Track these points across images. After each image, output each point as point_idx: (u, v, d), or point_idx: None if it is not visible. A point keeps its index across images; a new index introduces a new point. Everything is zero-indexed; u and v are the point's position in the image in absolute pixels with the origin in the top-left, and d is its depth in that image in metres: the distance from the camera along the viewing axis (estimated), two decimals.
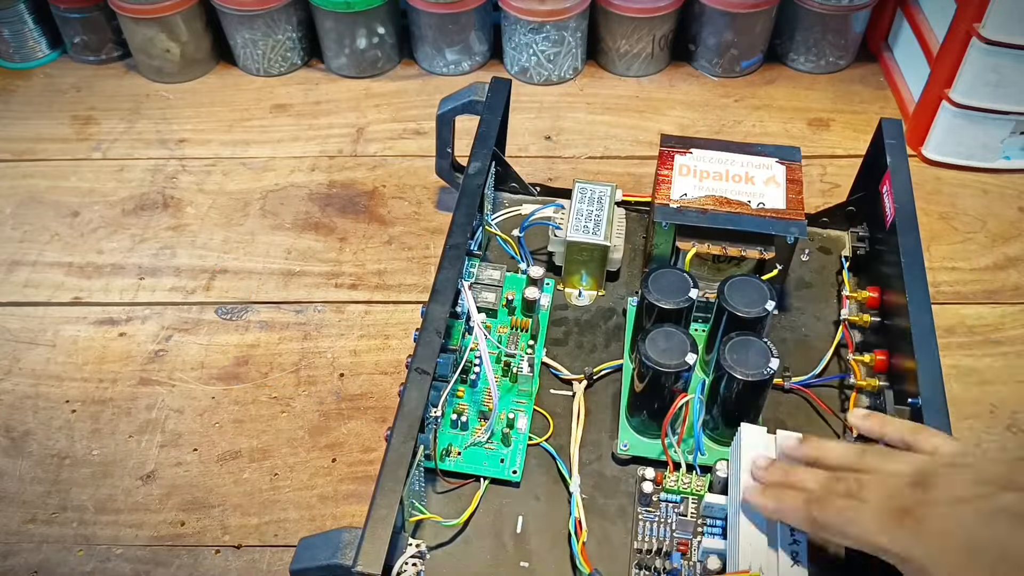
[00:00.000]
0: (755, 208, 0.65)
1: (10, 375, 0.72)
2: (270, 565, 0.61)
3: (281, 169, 0.88)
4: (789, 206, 0.66)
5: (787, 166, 0.68)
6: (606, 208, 0.69)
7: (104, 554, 0.61)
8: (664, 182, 0.67)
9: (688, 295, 0.61)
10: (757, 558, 0.51)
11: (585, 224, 0.68)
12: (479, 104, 0.75)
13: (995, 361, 0.71)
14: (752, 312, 0.60)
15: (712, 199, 0.66)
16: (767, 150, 0.70)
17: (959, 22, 0.80)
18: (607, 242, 0.67)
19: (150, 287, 0.78)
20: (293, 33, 0.97)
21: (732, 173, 0.68)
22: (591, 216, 0.68)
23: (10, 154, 0.91)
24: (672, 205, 0.65)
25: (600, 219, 0.68)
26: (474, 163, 0.68)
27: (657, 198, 0.66)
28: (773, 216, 0.65)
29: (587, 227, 0.68)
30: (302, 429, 0.68)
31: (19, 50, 1.00)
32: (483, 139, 0.71)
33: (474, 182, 0.67)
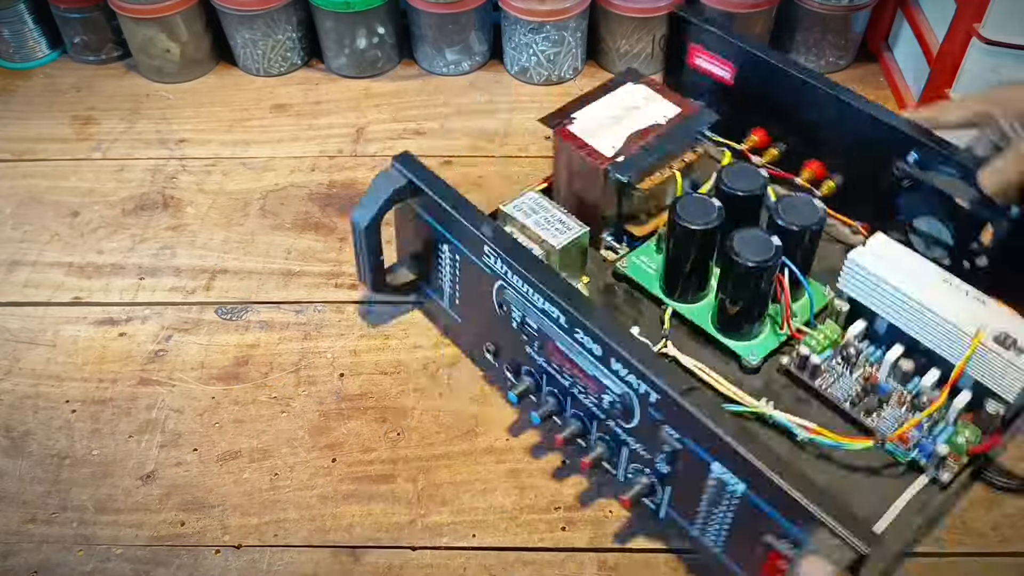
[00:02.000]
0: (665, 123, 0.70)
1: (10, 375, 0.72)
2: (270, 565, 0.61)
3: (281, 169, 0.89)
4: (681, 105, 0.71)
5: (643, 83, 0.73)
6: (549, 208, 0.68)
7: (104, 554, 0.61)
8: (589, 151, 0.67)
9: (716, 208, 0.64)
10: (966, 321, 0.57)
11: (555, 228, 0.67)
12: (405, 188, 0.65)
13: None
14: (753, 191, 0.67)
15: (634, 137, 0.68)
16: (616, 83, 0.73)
17: (959, 22, 0.80)
18: (585, 228, 0.67)
19: (150, 287, 0.78)
20: (293, 33, 0.97)
21: (619, 112, 0.71)
22: (549, 221, 0.68)
23: (10, 154, 0.91)
24: (619, 160, 0.66)
25: (558, 217, 0.68)
26: (484, 228, 0.62)
27: (600, 163, 0.66)
28: (683, 119, 0.70)
29: (559, 229, 0.67)
30: (302, 429, 0.68)
31: (19, 50, 1.00)
32: (463, 208, 0.63)
33: (507, 242, 0.62)
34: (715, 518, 0.54)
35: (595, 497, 0.64)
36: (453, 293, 0.68)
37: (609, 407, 0.58)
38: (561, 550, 0.61)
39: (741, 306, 0.64)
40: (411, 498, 0.64)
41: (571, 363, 0.59)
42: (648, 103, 0.71)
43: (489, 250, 0.60)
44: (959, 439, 0.59)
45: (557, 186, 0.71)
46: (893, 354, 0.62)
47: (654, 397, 0.54)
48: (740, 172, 0.68)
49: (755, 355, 0.65)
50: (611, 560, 0.60)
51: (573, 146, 0.67)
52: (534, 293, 0.59)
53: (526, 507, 0.63)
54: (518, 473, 0.65)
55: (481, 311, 0.65)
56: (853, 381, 0.64)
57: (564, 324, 0.57)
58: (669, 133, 0.69)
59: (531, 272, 0.58)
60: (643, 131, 0.69)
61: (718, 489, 0.53)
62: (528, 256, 0.60)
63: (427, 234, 0.67)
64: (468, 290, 0.66)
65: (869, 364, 0.64)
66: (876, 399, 0.62)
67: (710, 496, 0.53)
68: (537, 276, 0.58)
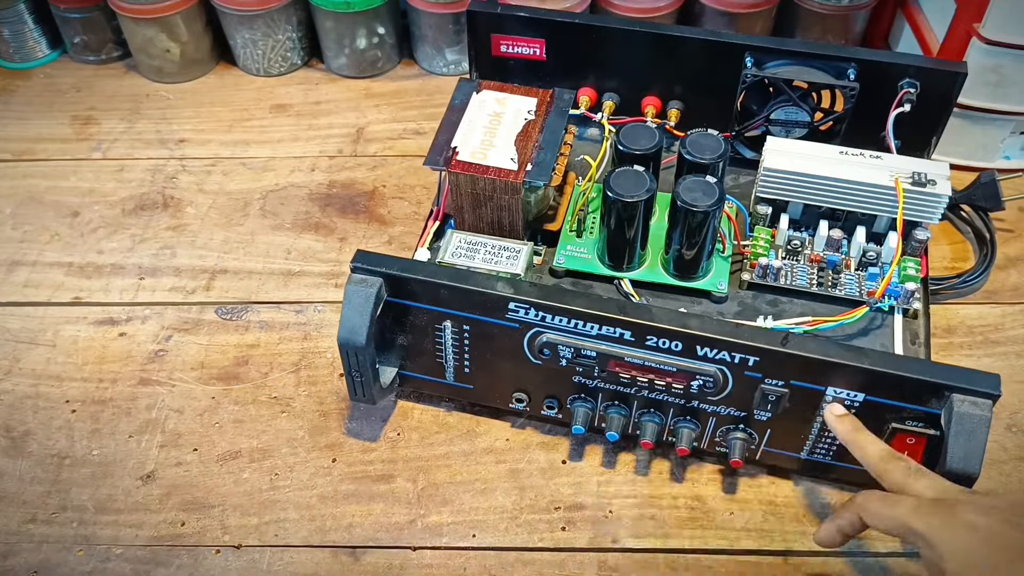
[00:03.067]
0: (536, 116, 0.71)
1: (10, 375, 0.72)
2: (270, 565, 0.61)
3: (281, 169, 0.89)
4: (532, 94, 0.72)
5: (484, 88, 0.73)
6: (481, 240, 0.68)
7: (104, 554, 0.61)
8: (496, 172, 0.67)
9: (648, 187, 0.65)
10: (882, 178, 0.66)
11: (505, 256, 0.67)
12: (382, 288, 0.60)
13: (995, 361, 0.71)
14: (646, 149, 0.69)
15: (520, 141, 0.69)
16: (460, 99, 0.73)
17: (959, 22, 0.80)
18: (528, 243, 0.68)
19: (150, 287, 0.78)
20: (293, 33, 0.97)
21: (487, 123, 0.70)
22: (494, 252, 0.67)
23: (10, 154, 0.91)
24: (529, 169, 0.67)
25: (497, 245, 0.67)
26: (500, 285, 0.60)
27: (513, 179, 0.66)
28: (549, 106, 0.71)
29: (509, 256, 0.67)
30: (302, 429, 0.68)
31: (19, 50, 1.00)
32: (461, 278, 0.60)
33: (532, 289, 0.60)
34: (827, 435, 0.60)
35: (593, 495, 0.64)
36: (460, 366, 0.65)
37: (699, 390, 0.59)
38: (561, 550, 0.61)
39: (697, 249, 0.66)
40: (411, 498, 0.64)
41: (643, 370, 0.59)
42: (504, 105, 0.72)
43: (516, 305, 0.59)
44: (910, 271, 0.67)
45: (459, 217, 0.69)
46: (823, 230, 0.69)
47: (752, 361, 0.57)
48: (634, 132, 0.70)
49: (722, 284, 0.68)
50: (611, 560, 0.61)
51: (476, 174, 0.66)
52: (586, 324, 0.58)
53: (526, 507, 0.63)
54: (518, 473, 0.65)
55: (504, 368, 0.63)
56: (807, 266, 0.69)
57: (630, 338, 0.58)
58: (547, 124, 0.70)
59: (575, 305, 0.58)
60: (523, 132, 0.69)
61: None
62: (560, 292, 0.59)
63: (414, 319, 0.62)
64: (485, 354, 0.63)
65: (806, 248, 0.70)
66: (830, 273, 0.69)
67: (821, 422, 0.59)
68: (583, 306, 0.58)
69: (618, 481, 0.64)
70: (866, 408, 0.57)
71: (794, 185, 0.68)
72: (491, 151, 0.68)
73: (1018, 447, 0.66)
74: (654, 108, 0.79)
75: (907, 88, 0.71)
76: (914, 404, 0.55)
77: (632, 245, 0.67)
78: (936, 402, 0.54)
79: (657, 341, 0.57)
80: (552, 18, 0.77)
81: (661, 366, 0.58)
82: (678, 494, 0.64)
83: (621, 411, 0.63)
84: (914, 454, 0.56)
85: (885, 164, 0.67)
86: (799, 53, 0.73)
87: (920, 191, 0.65)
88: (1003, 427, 0.67)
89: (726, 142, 0.68)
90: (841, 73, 0.72)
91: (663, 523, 0.62)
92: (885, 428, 0.57)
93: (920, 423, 0.56)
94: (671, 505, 0.63)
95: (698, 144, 0.68)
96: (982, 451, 0.53)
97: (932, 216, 0.67)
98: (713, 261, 0.69)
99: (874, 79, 0.72)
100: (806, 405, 0.58)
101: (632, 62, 0.77)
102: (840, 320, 0.64)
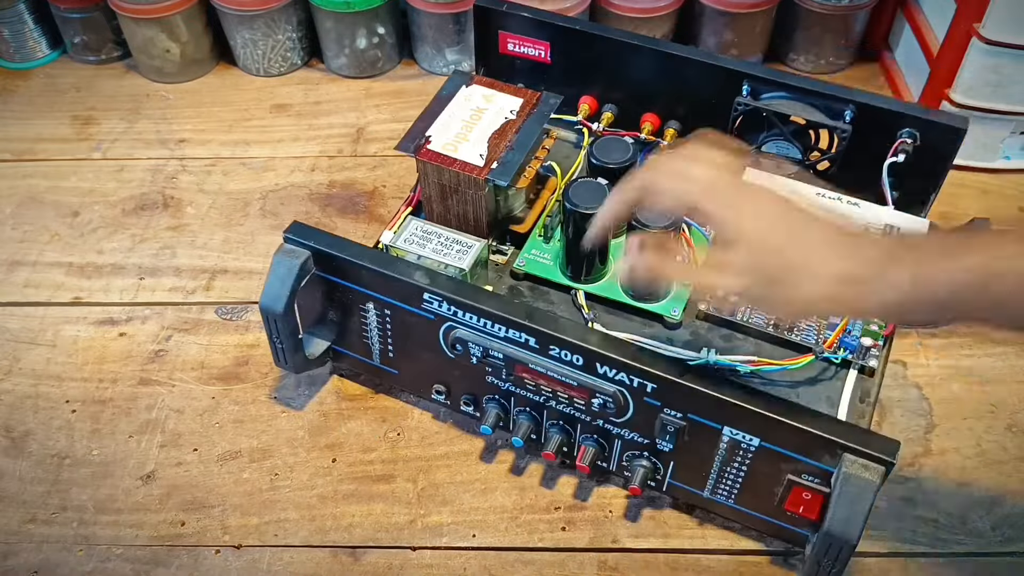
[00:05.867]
0: (516, 116, 0.70)
1: (10, 375, 0.72)
2: (270, 565, 0.61)
3: (281, 169, 0.88)
4: (520, 95, 0.71)
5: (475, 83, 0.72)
6: (436, 231, 0.68)
7: (104, 554, 0.61)
8: (461, 165, 0.67)
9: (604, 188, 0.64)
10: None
11: (456, 249, 0.67)
12: (309, 261, 0.61)
13: (995, 361, 0.71)
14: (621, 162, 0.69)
15: (495, 139, 0.68)
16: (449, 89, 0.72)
17: (959, 22, 0.80)
18: (483, 240, 0.67)
19: (150, 287, 0.78)
20: (293, 33, 0.97)
21: (468, 118, 0.70)
22: (446, 244, 0.67)
23: (10, 154, 0.91)
24: (494, 167, 0.66)
25: (451, 238, 0.67)
26: (418, 275, 0.60)
27: (476, 174, 0.66)
28: (532, 108, 0.70)
29: (459, 250, 0.66)
30: (302, 429, 0.68)
31: (19, 50, 1.00)
32: (386, 263, 0.61)
33: (448, 283, 0.61)
34: (728, 475, 0.58)
35: (593, 495, 0.64)
36: (385, 349, 0.66)
37: (600, 408, 0.58)
38: (561, 550, 0.61)
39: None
40: (411, 498, 0.64)
41: (547, 379, 0.59)
42: (490, 102, 0.71)
43: (431, 297, 0.59)
44: (872, 327, 0.64)
45: (428, 206, 0.70)
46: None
47: (651, 387, 0.55)
48: (608, 145, 0.69)
49: (676, 311, 0.66)
50: (611, 560, 0.60)
51: (442, 165, 0.66)
52: (494, 325, 0.58)
53: (526, 507, 0.63)
54: (518, 473, 0.65)
55: (424, 358, 0.64)
56: None
57: (535, 345, 0.58)
58: (525, 126, 0.69)
59: (485, 305, 0.58)
60: (500, 131, 0.69)
61: (730, 449, 0.56)
62: (474, 290, 0.59)
63: (341, 296, 0.63)
64: (405, 341, 0.64)
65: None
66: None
67: (722, 457, 0.57)
68: (493, 307, 0.58)
69: (618, 481, 0.64)
70: (762, 453, 0.55)
71: None
72: (463, 145, 0.68)
73: (1018, 447, 0.66)
74: (651, 125, 0.77)
75: (905, 138, 0.68)
76: (808, 458, 0.53)
77: (590, 258, 0.66)
78: (830, 459, 0.52)
79: (560, 352, 0.57)
80: (555, 21, 0.77)
81: (563, 378, 0.58)
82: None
83: (531, 418, 0.63)
84: (810, 511, 0.55)
85: (859, 212, 0.65)
86: (797, 88, 0.70)
87: None
88: (1003, 427, 0.67)
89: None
90: (838, 114, 0.69)
91: (663, 523, 0.62)
92: (781, 478, 0.55)
93: (816, 479, 0.54)
94: (671, 505, 0.63)
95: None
96: (864, 517, 0.50)
97: None
98: (672, 286, 0.67)
99: (872, 123, 0.69)
100: (705, 441, 0.56)
101: (634, 76, 0.76)
102: (784, 364, 0.61)
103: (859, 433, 0.52)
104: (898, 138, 0.68)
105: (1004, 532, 0.62)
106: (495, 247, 0.70)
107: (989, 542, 0.61)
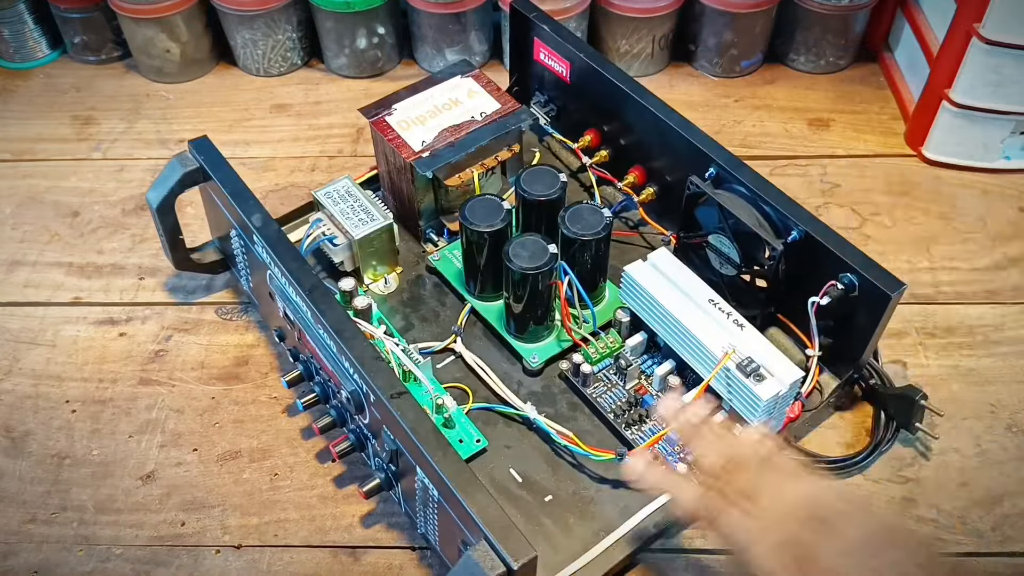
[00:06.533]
0: (481, 119, 0.70)
1: (10, 375, 0.72)
2: (270, 565, 0.61)
3: (281, 169, 0.88)
4: (502, 102, 0.72)
5: (471, 76, 0.73)
6: (359, 196, 0.69)
7: (104, 554, 0.61)
8: (398, 144, 0.68)
9: (504, 211, 0.66)
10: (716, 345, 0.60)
11: (359, 218, 0.68)
12: (197, 172, 0.67)
13: (995, 361, 0.71)
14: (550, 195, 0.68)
15: (447, 132, 0.69)
16: (444, 74, 0.74)
17: (959, 22, 0.80)
18: (389, 219, 0.68)
19: (150, 287, 0.78)
20: (293, 33, 0.97)
21: (440, 105, 0.71)
22: (355, 210, 0.68)
23: (10, 154, 0.91)
24: (424, 155, 0.67)
25: (365, 207, 0.69)
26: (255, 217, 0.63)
27: (407, 158, 0.67)
28: (499, 117, 0.71)
29: (362, 219, 0.68)
30: (302, 429, 0.68)
31: (19, 50, 1.00)
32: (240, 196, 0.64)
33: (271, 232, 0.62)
34: (429, 518, 0.57)
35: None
36: (248, 276, 0.70)
37: (347, 400, 0.59)
38: None
39: (523, 308, 0.65)
40: None
41: (318, 356, 0.61)
42: (470, 98, 0.72)
43: (257, 239, 0.62)
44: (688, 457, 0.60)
45: (382, 176, 0.71)
46: (662, 369, 0.65)
47: (373, 397, 0.55)
48: (537, 175, 0.69)
49: (536, 359, 0.67)
50: None
51: (386, 138, 0.68)
52: (288, 285, 0.60)
53: None
54: None
55: (264, 297, 0.67)
56: (624, 392, 0.65)
57: (310, 318, 0.59)
58: (483, 130, 0.70)
59: (284, 263, 0.60)
60: (457, 126, 0.69)
61: (423, 492, 0.55)
62: (287, 247, 0.61)
63: (222, 218, 0.68)
64: (254, 275, 0.68)
65: (645, 377, 0.66)
66: (638, 412, 0.64)
67: (420, 497, 0.56)
68: (289, 268, 0.59)
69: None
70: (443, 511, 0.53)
71: (644, 303, 0.64)
72: (417, 127, 0.69)
73: (1018, 447, 0.66)
74: (636, 178, 0.76)
75: (839, 283, 0.61)
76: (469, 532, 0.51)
77: (483, 275, 0.67)
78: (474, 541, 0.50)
79: (322, 331, 0.58)
80: (569, 43, 0.76)
81: (325, 359, 0.60)
82: None
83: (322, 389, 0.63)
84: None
85: (741, 335, 0.60)
86: (754, 193, 0.64)
87: (740, 379, 0.58)
88: (1003, 427, 0.67)
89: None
90: (785, 230, 0.63)
91: None
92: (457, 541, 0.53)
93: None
94: None
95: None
96: None
97: (749, 413, 0.59)
98: (551, 333, 0.67)
99: (816, 256, 0.62)
100: (410, 476, 0.55)
101: (633, 127, 0.75)
102: (588, 451, 0.61)
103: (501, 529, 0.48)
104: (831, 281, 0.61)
105: (1004, 532, 0.62)
106: (428, 235, 0.72)
107: (989, 542, 0.61)
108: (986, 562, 0.60)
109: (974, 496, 0.63)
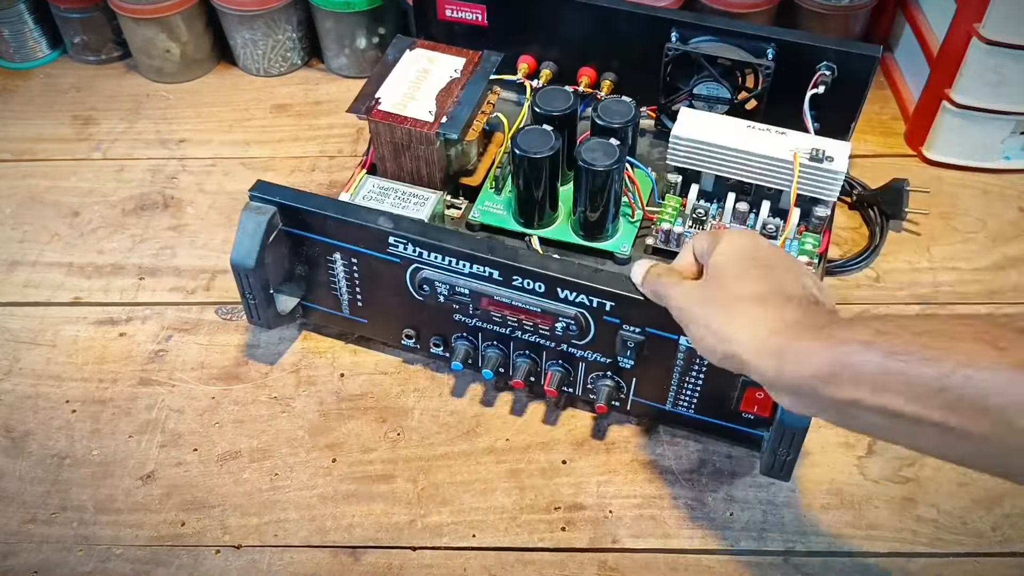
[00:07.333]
0: (461, 75, 0.73)
1: (10, 375, 0.72)
2: (270, 565, 0.61)
3: (281, 169, 0.88)
4: (463, 56, 0.74)
5: (418, 46, 0.75)
6: (394, 186, 0.70)
7: (104, 554, 0.61)
8: (412, 122, 0.69)
9: (553, 142, 0.67)
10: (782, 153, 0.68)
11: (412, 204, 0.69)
12: (275, 216, 0.64)
13: None
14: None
15: (441, 96, 0.71)
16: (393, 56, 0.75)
17: (959, 22, 0.80)
18: (438, 192, 0.69)
19: (150, 287, 0.78)
20: (293, 33, 0.97)
21: (415, 78, 0.73)
22: (402, 198, 0.69)
23: (10, 154, 0.91)
24: (444, 121, 0.69)
25: (407, 192, 0.69)
26: (381, 219, 0.62)
27: (427, 130, 0.69)
28: (474, 67, 0.73)
29: (415, 203, 0.69)
30: (302, 429, 0.68)
31: (19, 50, 1.00)
32: (344, 211, 0.63)
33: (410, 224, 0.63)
34: (686, 385, 0.62)
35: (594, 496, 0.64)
36: (353, 299, 0.68)
37: (563, 332, 0.61)
38: (561, 550, 0.61)
39: (602, 208, 0.68)
40: (411, 498, 0.64)
41: (512, 309, 0.62)
42: (434, 63, 0.74)
43: (396, 240, 0.62)
44: (807, 247, 0.68)
45: (382, 166, 0.72)
46: (730, 202, 0.71)
47: (609, 306, 0.59)
48: (551, 95, 0.71)
49: (625, 247, 0.70)
50: (611, 560, 0.61)
51: (394, 123, 0.69)
52: (458, 262, 0.61)
53: (526, 507, 0.63)
54: (518, 473, 0.65)
55: (392, 303, 0.66)
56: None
57: (498, 278, 0.60)
58: (470, 83, 0.72)
59: (449, 243, 0.61)
60: (446, 89, 0.72)
61: (687, 359, 0.60)
62: (437, 230, 0.62)
63: (308, 250, 0.66)
64: (372, 289, 0.67)
65: (713, 218, 0.72)
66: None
67: (680, 367, 0.61)
68: (456, 244, 0.60)
69: (618, 481, 0.64)
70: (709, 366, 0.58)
71: (699, 153, 0.70)
72: (411, 103, 0.71)
73: None
74: (588, 79, 0.81)
75: (823, 71, 0.73)
76: None
77: (541, 203, 0.69)
78: None
79: (522, 281, 0.60)
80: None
81: (527, 306, 0.61)
82: (679, 494, 0.64)
83: (499, 351, 0.65)
84: (764, 410, 0.60)
85: (788, 140, 0.69)
86: (721, 30, 0.75)
87: (816, 166, 0.67)
88: None
89: (636, 109, 0.71)
90: (760, 52, 0.74)
91: (663, 523, 0.62)
92: (735, 381, 0.59)
93: None
94: (671, 505, 0.63)
95: (609, 109, 0.70)
96: None
97: (829, 192, 0.68)
98: (620, 224, 0.71)
99: (793, 60, 0.73)
100: (664, 354, 0.60)
101: (569, 33, 0.79)
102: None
103: None
104: (817, 71, 0.73)
105: (1004, 532, 0.62)
106: (449, 201, 0.73)
107: (989, 542, 0.61)
108: (986, 562, 0.60)
109: (974, 496, 0.63)
